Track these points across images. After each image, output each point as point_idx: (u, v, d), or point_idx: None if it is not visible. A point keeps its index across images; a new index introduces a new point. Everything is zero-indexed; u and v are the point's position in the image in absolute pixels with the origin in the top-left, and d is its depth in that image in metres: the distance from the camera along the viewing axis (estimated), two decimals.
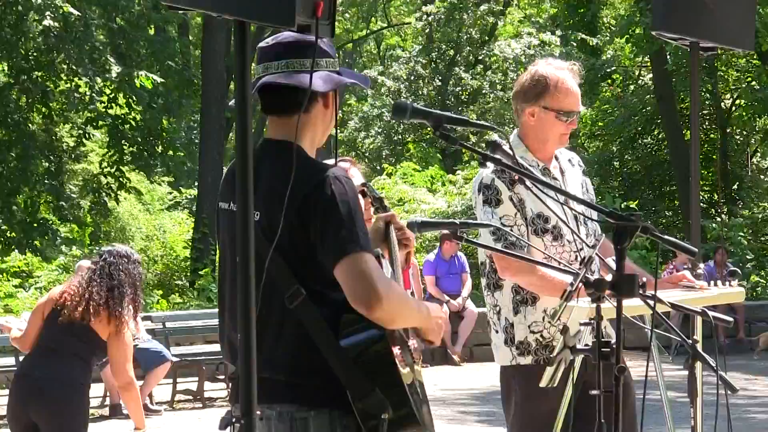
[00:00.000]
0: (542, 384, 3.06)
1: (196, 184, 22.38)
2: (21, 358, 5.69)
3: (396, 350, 2.77)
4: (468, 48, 27.05)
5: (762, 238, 19.92)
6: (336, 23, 2.62)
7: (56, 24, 17.60)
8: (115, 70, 18.30)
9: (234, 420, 2.45)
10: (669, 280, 3.94)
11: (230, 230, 2.86)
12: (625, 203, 18.85)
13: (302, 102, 2.75)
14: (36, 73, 18.63)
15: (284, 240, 2.70)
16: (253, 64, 2.86)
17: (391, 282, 2.74)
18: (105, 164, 20.15)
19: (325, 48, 2.86)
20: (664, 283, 3.91)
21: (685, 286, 3.88)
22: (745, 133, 24.23)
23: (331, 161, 3.08)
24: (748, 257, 17.80)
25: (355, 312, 2.70)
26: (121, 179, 20.00)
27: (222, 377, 10.95)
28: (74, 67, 18.11)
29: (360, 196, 2.91)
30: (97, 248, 22.47)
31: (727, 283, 3.91)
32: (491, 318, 3.98)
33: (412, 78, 26.60)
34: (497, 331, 3.94)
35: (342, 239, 2.68)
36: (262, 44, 2.91)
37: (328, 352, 2.71)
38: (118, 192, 20.22)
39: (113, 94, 19.17)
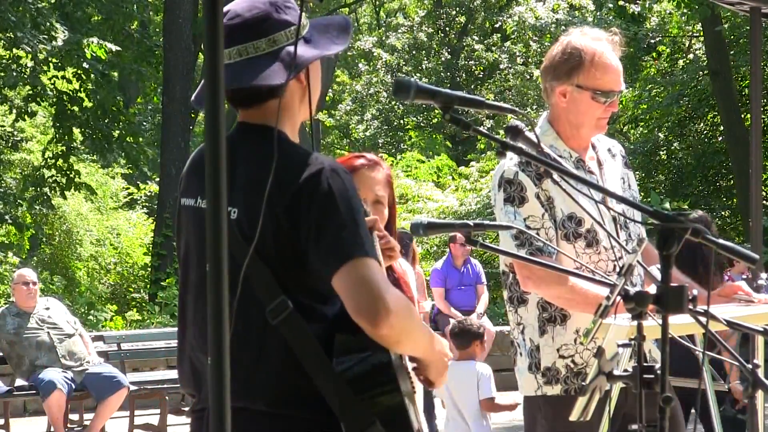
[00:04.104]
0: (573, 417, 3.06)
1: (157, 178, 22.32)
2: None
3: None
4: (482, 13, 27.04)
5: None
6: None
7: None
8: (62, 37, 18.19)
9: None
10: (721, 293, 3.95)
11: (199, 230, 2.87)
12: (675, 202, 18.82)
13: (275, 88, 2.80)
14: None
15: (268, 242, 2.72)
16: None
17: (400, 295, 2.76)
18: (48, 154, 20.00)
19: (286, 17, 2.87)
20: (716, 297, 3.92)
21: (741, 299, 3.89)
22: None
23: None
24: None
25: (349, 331, 2.71)
26: (69, 173, 19.69)
27: (188, 409, 10.95)
28: (12, 35, 18.00)
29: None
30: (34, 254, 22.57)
31: None
32: (515, 338, 3.99)
33: (413, 51, 26.61)
34: (521, 354, 3.96)
35: (343, 242, 2.69)
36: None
37: (320, 376, 2.72)
38: (65, 191, 19.94)
39: (59, 63, 18.98)
